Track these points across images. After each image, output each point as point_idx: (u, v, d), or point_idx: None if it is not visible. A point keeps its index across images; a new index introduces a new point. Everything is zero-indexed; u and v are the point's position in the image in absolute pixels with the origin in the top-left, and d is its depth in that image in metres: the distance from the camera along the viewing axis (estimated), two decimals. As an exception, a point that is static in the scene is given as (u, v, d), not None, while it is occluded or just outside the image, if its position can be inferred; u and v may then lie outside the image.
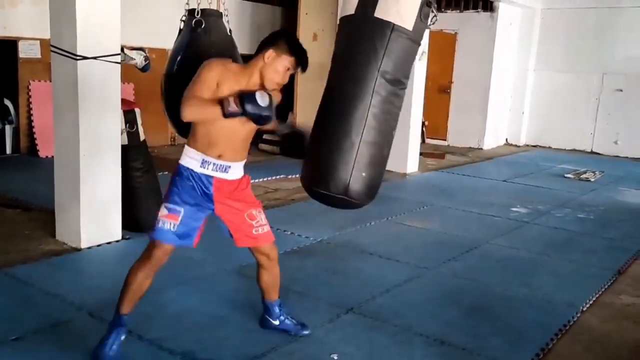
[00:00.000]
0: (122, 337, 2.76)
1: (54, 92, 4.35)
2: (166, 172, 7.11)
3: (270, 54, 2.67)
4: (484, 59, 10.88)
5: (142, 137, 4.73)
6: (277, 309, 3.13)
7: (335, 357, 2.95)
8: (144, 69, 4.75)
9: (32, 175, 6.74)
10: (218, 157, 2.71)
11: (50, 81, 4.42)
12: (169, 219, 2.73)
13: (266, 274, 3.02)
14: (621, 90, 10.75)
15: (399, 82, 2.85)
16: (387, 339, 3.18)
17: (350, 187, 2.84)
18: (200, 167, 2.72)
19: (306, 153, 3.06)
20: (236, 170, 2.80)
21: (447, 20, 10.63)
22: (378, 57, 2.78)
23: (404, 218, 5.76)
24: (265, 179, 7.18)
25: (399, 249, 4.77)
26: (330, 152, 2.85)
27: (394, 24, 2.75)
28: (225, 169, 2.75)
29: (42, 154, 7.76)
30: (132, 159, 4.65)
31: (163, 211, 2.75)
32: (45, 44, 7.13)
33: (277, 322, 3.13)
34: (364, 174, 2.84)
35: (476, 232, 5.39)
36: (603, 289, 4.09)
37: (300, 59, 2.73)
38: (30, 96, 7.87)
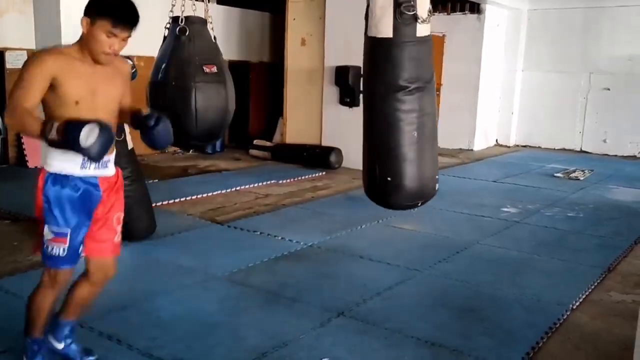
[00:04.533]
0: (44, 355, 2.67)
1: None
2: (156, 180, 7.13)
3: (84, 22, 2.30)
4: (473, 60, 10.93)
5: (130, 145, 4.71)
6: (67, 330, 2.70)
7: (326, 362, 2.94)
8: (131, 77, 4.73)
9: (21, 185, 6.70)
10: None
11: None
12: (56, 243, 2.42)
13: (89, 290, 2.62)
14: (608, 89, 10.83)
15: (402, 89, 2.95)
16: (378, 342, 3.18)
17: (381, 194, 3.16)
18: (81, 168, 2.38)
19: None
20: (112, 164, 2.54)
21: (434, 23, 10.50)
22: (376, 71, 2.95)
23: (394, 220, 5.76)
24: (255, 185, 7.18)
25: (390, 251, 4.78)
26: (364, 167, 3.25)
27: (375, 37, 2.88)
28: (106, 165, 2.48)
29: (31, 164, 7.72)
30: (121, 167, 4.60)
31: (48, 234, 2.42)
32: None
33: (61, 345, 2.69)
34: (389, 179, 3.06)
35: (467, 233, 5.40)
36: (593, 287, 4.11)
37: (115, 15, 2.27)
38: (18, 107, 7.84)
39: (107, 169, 2.51)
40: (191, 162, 8.90)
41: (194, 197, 6.37)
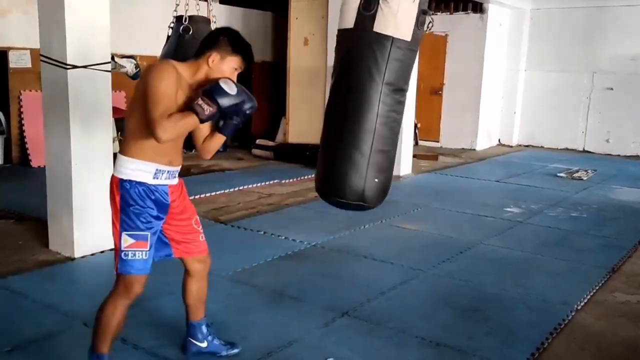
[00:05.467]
0: None
1: (45, 101, 4.35)
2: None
3: (214, 58, 2.48)
4: (475, 60, 10.92)
5: (134, 144, 4.72)
6: (204, 329, 2.91)
7: (331, 361, 2.95)
8: (134, 76, 4.76)
9: (25, 185, 6.72)
10: (169, 164, 2.53)
11: (41, 91, 4.41)
12: (138, 248, 2.47)
13: (197, 284, 2.80)
14: (611, 89, 10.82)
15: (401, 90, 2.96)
16: (382, 342, 3.18)
17: (365, 194, 2.97)
18: (154, 178, 2.49)
19: (318, 164, 3.10)
20: (178, 174, 2.66)
21: (437, 23, 10.53)
22: (381, 70, 2.85)
23: (397, 220, 5.76)
24: (259, 184, 7.18)
25: (393, 251, 4.78)
26: (344, 164, 2.94)
27: (393, 37, 2.82)
28: (174, 175, 2.60)
29: (35, 163, 7.74)
30: (124, 166, 4.63)
31: (127, 241, 2.47)
32: (35, 54, 7.11)
33: (204, 344, 2.91)
34: (376, 180, 2.96)
35: (470, 233, 5.40)
36: (597, 287, 4.11)
37: (246, 56, 2.54)
38: (21, 106, 7.85)
39: (175, 178, 2.62)
40: (194, 161, 8.90)
41: (197, 197, 6.36)
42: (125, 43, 7.72)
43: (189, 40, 4.13)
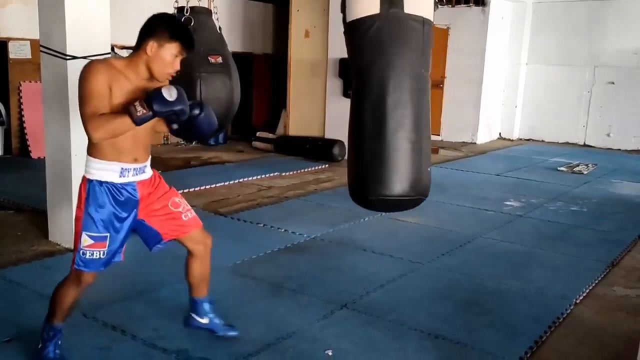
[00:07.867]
0: (60, 342, 2.71)
1: (44, 92, 4.33)
2: (158, 171, 7.11)
3: (152, 46, 2.40)
4: (477, 53, 10.89)
5: (133, 136, 4.71)
6: (206, 306, 2.95)
7: (330, 353, 2.95)
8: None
9: (24, 176, 6.71)
10: (135, 162, 2.51)
11: (41, 82, 4.39)
12: (96, 248, 2.50)
13: (199, 264, 2.81)
14: (613, 83, 10.78)
15: (428, 73, 2.87)
16: (382, 334, 3.19)
17: (426, 185, 2.86)
18: (120, 177, 2.49)
19: (354, 165, 2.94)
20: (149, 168, 2.65)
21: (439, 15, 10.50)
22: (418, 53, 2.75)
23: (397, 213, 5.75)
24: (258, 177, 7.18)
25: (393, 244, 4.78)
26: (397, 156, 2.77)
27: (424, 18, 2.76)
28: (143, 170, 2.58)
29: (34, 154, 7.73)
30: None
31: (86, 241, 2.49)
32: (35, 45, 7.09)
33: (205, 320, 2.96)
34: (429, 169, 2.88)
35: (470, 227, 5.40)
36: (596, 281, 4.11)
37: (185, 41, 2.46)
38: (21, 97, 7.84)
39: (145, 173, 2.60)
40: (194, 153, 8.90)
41: (196, 189, 6.36)
42: (125, 34, 7.69)
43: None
